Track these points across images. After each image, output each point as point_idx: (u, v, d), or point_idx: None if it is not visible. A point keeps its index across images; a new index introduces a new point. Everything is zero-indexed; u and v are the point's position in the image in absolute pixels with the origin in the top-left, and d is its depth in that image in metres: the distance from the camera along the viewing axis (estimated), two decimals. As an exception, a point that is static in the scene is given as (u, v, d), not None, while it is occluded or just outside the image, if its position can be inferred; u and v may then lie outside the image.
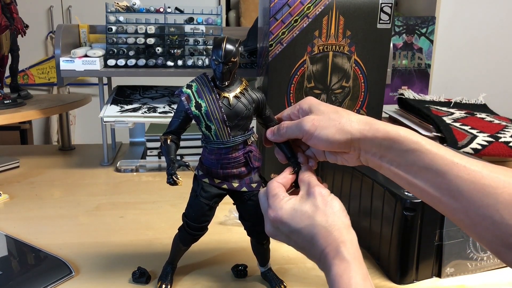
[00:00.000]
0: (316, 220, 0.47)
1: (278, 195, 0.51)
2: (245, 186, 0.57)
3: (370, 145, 0.49)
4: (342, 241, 0.45)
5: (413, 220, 0.61)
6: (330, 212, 0.48)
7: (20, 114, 1.07)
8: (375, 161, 0.49)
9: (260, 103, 0.56)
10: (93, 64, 1.04)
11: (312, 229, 0.47)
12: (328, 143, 0.50)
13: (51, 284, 0.60)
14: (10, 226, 0.78)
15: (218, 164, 0.55)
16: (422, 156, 0.46)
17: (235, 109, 0.53)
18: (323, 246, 0.46)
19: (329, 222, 0.47)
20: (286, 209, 0.49)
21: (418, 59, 1.63)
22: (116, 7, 1.09)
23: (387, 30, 0.85)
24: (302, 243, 0.48)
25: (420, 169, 0.46)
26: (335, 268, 0.44)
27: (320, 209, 0.48)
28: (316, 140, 0.51)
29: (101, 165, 1.12)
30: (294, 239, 0.49)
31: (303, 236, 0.48)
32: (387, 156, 0.48)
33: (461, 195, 0.43)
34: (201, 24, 1.12)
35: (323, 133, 0.50)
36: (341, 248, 0.45)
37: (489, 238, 0.43)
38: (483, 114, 1.10)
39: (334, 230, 0.46)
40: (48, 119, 2.58)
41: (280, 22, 0.81)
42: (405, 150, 0.47)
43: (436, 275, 0.64)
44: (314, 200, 0.49)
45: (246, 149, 0.56)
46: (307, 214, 0.48)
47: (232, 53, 0.51)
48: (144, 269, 0.63)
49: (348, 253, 0.44)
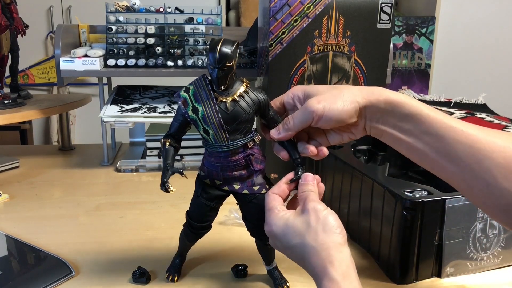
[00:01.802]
0: (306, 239, 0.47)
1: (273, 209, 0.51)
2: (247, 189, 0.56)
3: (374, 110, 0.49)
4: (330, 261, 0.45)
5: (413, 220, 0.60)
6: (321, 230, 0.47)
7: (20, 114, 1.07)
8: (378, 127, 0.50)
9: (262, 104, 0.54)
10: (93, 64, 1.04)
11: (302, 248, 0.47)
12: (340, 117, 0.50)
13: (51, 284, 0.60)
14: (10, 226, 0.78)
15: (218, 166, 0.55)
16: (422, 120, 0.47)
17: (232, 113, 0.52)
18: (313, 266, 0.46)
19: (318, 242, 0.46)
20: (279, 226, 0.49)
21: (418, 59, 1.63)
22: (116, 7, 1.09)
23: (387, 30, 0.85)
24: (295, 258, 0.49)
25: (420, 133, 0.47)
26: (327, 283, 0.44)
27: (311, 227, 0.47)
28: (328, 118, 0.50)
29: (101, 165, 1.12)
30: (288, 253, 0.50)
31: (295, 253, 0.48)
32: (389, 121, 0.49)
33: (459, 158, 0.44)
34: (201, 24, 1.12)
35: (333, 108, 0.49)
36: (328, 269, 0.44)
37: (485, 201, 0.44)
38: (483, 114, 1.10)
39: (322, 250, 0.45)
40: (48, 119, 2.58)
41: (280, 22, 0.81)
42: (406, 114, 0.48)
43: (436, 275, 0.64)
44: (307, 217, 0.48)
45: (246, 153, 0.55)
46: (298, 232, 0.48)
47: (228, 57, 0.49)
48: (144, 269, 0.63)
49: (336, 273, 0.44)
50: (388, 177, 0.71)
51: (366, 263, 0.67)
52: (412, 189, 0.63)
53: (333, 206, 0.78)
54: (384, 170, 0.80)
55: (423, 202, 0.60)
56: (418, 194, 0.62)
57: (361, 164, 0.81)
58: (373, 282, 0.63)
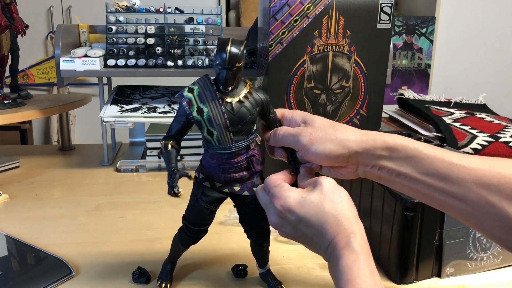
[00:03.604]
0: (325, 208, 0.46)
1: (282, 185, 0.49)
2: (247, 190, 0.56)
3: (368, 157, 0.49)
4: (352, 232, 0.44)
5: (413, 220, 0.61)
6: (338, 201, 0.47)
7: (20, 114, 1.07)
8: (374, 173, 0.49)
9: (265, 105, 0.54)
10: (93, 64, 1.04)
11: (321, 217, 0.46)
12: (326, 158, 0.50)
13: (51, 284, 0.60)
14: (10, 226, 0.78)
15: (219, 168, 0.54)
16: (421, 162, 0.46)
17: (238, 114, 0.51)
18: (333, 235, 0.45)
19: (338, 211, 0.46)
20: (294, 198, 0.47)
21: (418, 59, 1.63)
22: (116, 7, 1.09)
23: (387, 30, 0.85)
24: (310, 232, 0.47)
25: (421, 175, 0.46)
26: (344, 259, 0.43)
27: (328, 197, 0.47)
28: (314, 155, 0.50)
29: (101, 165, 1.12)
30: (301, 228, 0.47)
31: (312, 224, 0.46)
32: (386, 167, 0.48)
33: (465, 197, 0.43)
34: (201, 24, 1.12)
35: (321, 148, 0.49)
36: (351, 239, 0.44)
37: (497, 234, 0.43)
38: (483, 114, 1.10)
39: (343, 220, 0.45)
40: (48, 119, 2.58)
41: (280, 22, 0.81)
42: (404, 158, 0.47)
43: (436, 275, 0.64)
44: (321, 188, 0.47)
45: (248, 154, 0.54)
46: (315, 202, 0.46)
47: (237, 58, 0.48)
48: (144, 269, 0.63)
49: (357, 244, 0.44)
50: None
51: (366, 263, 0.67)
52: (412, 189, 0.63)
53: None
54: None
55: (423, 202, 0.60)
56: (418, 194, 0.62)
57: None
58: (373, 282, 0.63)
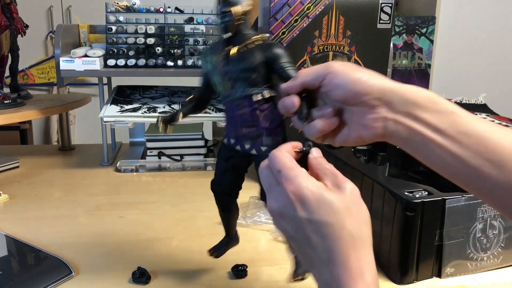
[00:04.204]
0: (346, 223, 0.38)
1: (298, 169, 0.40)
2: (255, 149, 0.54)
3: (401, 100, 0.41)
4: (368, 262, 0.37)
5: (413, 220, 0.60)
6: (361, 221, 0.39)
7: (20, 114, 1.07)
8: (404, 122, 0.41)
9: (269, 57, 0.52)
10: (93, 64, 1.03)
11: (339, 231, 0.37)
12: (355, 86, 0.42)
13: (51, 284, 0.60)
14: (10, 226, 0.78)
15: (231, 123, 0.56)
16: (459, 119, 0.40)
17: (234, 62, 0.53)
18: (345, 258, 0.37)
19: (357, 233, 0.38)
20: (312, 190, 0.38)
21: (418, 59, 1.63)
22: (116, 7, 1.09)
23: (387, 30, 0.85)
24: (316, 240, 0.38)
25: (458, 133, 0.39)
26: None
27: (352, 211, 0.38)
28: (341, 80, 0.42)
29: (101, 165, 1.12)
30: (307, 232, 0.38)
31: (323, 233, 0.38)
32: (423, 119, 0.40)
33: (503, 162, 0.37)
34: (201, 24, 1.12)
35: (351, 73, 0.42)
36: (364, 270, 0.37)
37: None
38: (483, 114, 1.10)
39: (361, 246, 0.38)
40: (48, 119, 2.58)
41: (280, 22, 0.81)
42: (444, 111, 0.40)
43: (436, 275, 0.64)
44: (344, 196, 0.39)
45: (253, 106, 0.53)
46: (336, 210, 0.38)
47: (227, 3, 0.51)
48: (144, 269, 0.63)
49: (371, 277, 0.37)
50: (388, 177, 0.71)
51: (366, 263, 0.67)
52: (412, 189, 0.63)
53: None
54: (384, 170, 0.80)
55: (423, 202, 0.60)
56: (418, 194, 0.62)
57: (361, 164, 0.80)
58: (373, 282, 0.63)
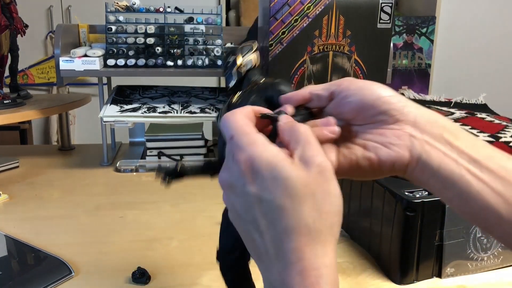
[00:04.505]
0: (303, 210, 0.30)
1: (255, 136, 0.33)
2: None
3: (430, 120, 0.34)
4: (326, 265, 0.30)
5: (413, 220, 0.60)
6: (326, 210, 0.31)
7: (20, 114, 1.07)
8: (438, 146, 0.33)
9: (269, 96, 0.42)
10: (93, 64, 1.03)
11: (292, 219, 0.30)
12: (374, 91, 0.35)
13: (50, 284, 0.60)
14: (10, 226, 0.78)
15: None
16: (493, 152, 0.33)
17: (236, 106, 0.50)
18: (296, 257, 0.30)
19: (317, 225, 0.30)
20: (268, 161, 0.31)
21: (418, 59, 1.63)
22: (115, 7, 1.09)
23: (387, 30, 0.85)
24: (265, 226, 0.31)
25: (500, 168, 0.32)
26: None
27: (314, 195, 0.30)
28: (359, 86, 0.36)
29: (100, 165, 1.12)
30: (256, 212, 0.31)
31: (273, 219, 0.31)
32: (455, 143, 0.33)
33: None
34: (201, 24, 1.12)
35: (366, 85, 0.36)
36: (321, 281, 0.30)
37: None
38: (483, 114, 1.10)
39: (319, 243, 0.30)
40: (47, 119, 2.58)
41: (280, 21, 0.81)
42: (473, 140, 0.34)
43: (436, 275, 0.64)
44: (308, 175, 0.31)
45: None
46: (293, 191, 0.30)
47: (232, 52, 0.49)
48: (144, 269, 0.63)
49: (328, 286, 0.30)
50: (389, 177, 0.71)
51: (366, 263, 0.67)
52: (412, 189, 0.63)
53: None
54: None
55: (423, 202, 0.60)
56: (418, 194, 0.62)
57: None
58: (373, 283, 0.63)
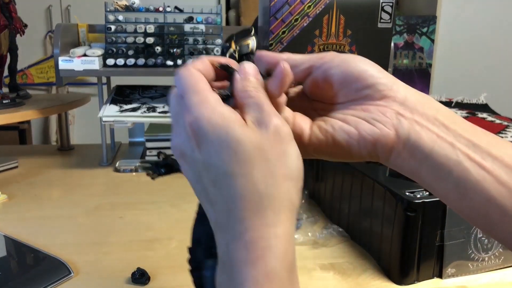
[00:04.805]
0: (254, 174, 0.28)
1: (206, 94, 0.30)
2: None
3: (422, 102, 0.32)
4: (277, 235, 0.27)
5: (414, 220, 0.60)
6: (280, 174, 0.28)
7: (19, 114, 1.07)
8: (430, 127, 0.31)
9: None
10: (92, 64, 1.03)
11: (242, 185, 0.28)
12: (360, 64, 0.33)
13: (50, 284, 0.59)
14: (9, 226, 0.77)
15: None
16: (494, 140, 0.31)
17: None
18: (243, 226, 0.28)
19: (268, 191, 0.28)
20: (216, 124, 0.28)
21: (419, 59, 1.63)
22: (115, 6, 1.08)
23: (388, 29, 0.85)
24: (214, 195, 0.29)
25: (505, 155, 0.30)
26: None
27: (268, 158, 0.28)
28: (343, 59, 0.33)
29: (100, 165, 1.12)
30: (204, 181, 0.30)
31: (222, 186, 0.28)
32: (451, 127, 0.31)
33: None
34: (200, 23, 1.11)
35: (354, 59, 0.34)
36: (267, 253, 0.27)
37: None
38: (484, 114, 1.09)
39: (270, 210, 0.28)
40: (47, 119, 2.57)
41: (280, 21, 0.81)
42: (471, 125, 0.32)
43: (437, 275, 0.64)
44: (262, 136, 0.29)
45: None
46: (243, 155, 0.28)
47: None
48: (144, 270, 0.62)
49: (277, 260, 0.27)
50: (389, 177, 0.70)
51: (366, 264, 0.67)
52: (413, 189, 0.63)
53: (333, 206, 0.78)
54: (384, 170, 0.80)
55: (424, 202, 0.60)
56: (419, 194, 0.62)
57: (362, 164, 0.80)
58: (373, 283, 0.63)
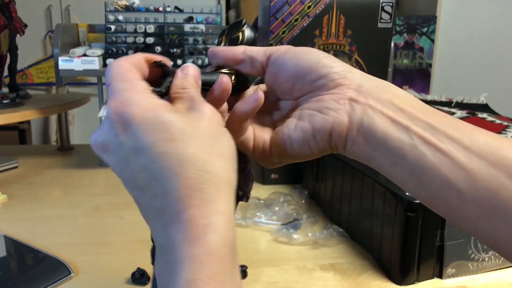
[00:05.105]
0: (190, 152, 0.28)
1: (135, 82, 0.30)
2: None
3: (377, 87, 0.32)
4: (218, 211, 0.27)
5: (414, 220, 0.60)
6: (217, 152, 0.29)
7: (19, 114, 1.07)
8: (385, 111, 0.31)
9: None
10: (92, 64, 1.03)
11: (177, 164, 0.28)
12: (312, 56, 0.33)
13: (50, 285, 0.59)
14: (9, 226, 0.77)
15: None
16: (459, 122, 0.31)
17: None
18: (182, 205, 0.27)
19: (207, 166, 0.28)
20: (144, 108, 0.28)
21: (419, 59, 1.63)
22: (115, 6, 1.08)
23: (388, 29, 0.84)
24: (144, 179, 0.29)
25: (466, 137, 0.30)
26: (187, 270, 0.26)
27: (203, 138, 0.29)
28: (295, 52, 0.34)
29: (100, 165, 1.12)
30: (132, 166, 0.29)
31: (153, 167, 0.28)
32: (408, 110, 0.31)
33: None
34: (200, 23, 1.11)
35: (308, 51, 0.34)
36: (209, 230, 0.27)
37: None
38: (484, 114, 1.09)
39: (211, 185, 0.27)
40: (47, 119, 2.57)
41: (280, 21, 0.81)
42: (431, 108, 0.32)
43: (437, 276, 0.64)
44: (194, 119, 0.29)
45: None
46: (177, 134, 0.28)
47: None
48: (144, 270, 0.62)
49: (218, 238, 0.27)
50: (389, 178, 0.71)
51: (367, 264, 0.67)
52: (414, 189, 0.62)
53: (333, 207, 0.78)
54: (385, 170, 0.80)
55: (425, 202, 0.60)
56: (419, 195, 0.61)
57: (362, 164, 0.80)
58: (374, 283, 0.63)
